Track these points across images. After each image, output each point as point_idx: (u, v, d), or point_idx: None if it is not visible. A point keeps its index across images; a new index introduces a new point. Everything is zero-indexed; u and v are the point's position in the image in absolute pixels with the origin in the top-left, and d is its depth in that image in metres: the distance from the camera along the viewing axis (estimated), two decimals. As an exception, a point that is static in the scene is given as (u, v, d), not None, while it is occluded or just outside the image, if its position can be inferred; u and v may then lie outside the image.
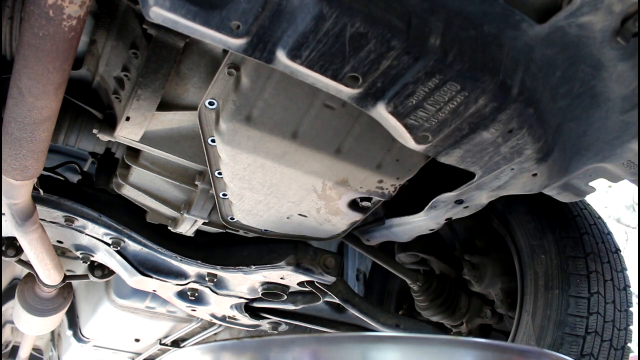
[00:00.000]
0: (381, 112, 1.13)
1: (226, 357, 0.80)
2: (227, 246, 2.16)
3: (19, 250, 2.15)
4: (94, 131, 1.61)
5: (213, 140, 1.49)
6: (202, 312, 2.61)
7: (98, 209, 1.94)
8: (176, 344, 3.57)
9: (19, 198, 1.56)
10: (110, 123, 1.62)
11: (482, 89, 1.08)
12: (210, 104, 1.40)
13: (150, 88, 1.40)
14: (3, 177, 1.44)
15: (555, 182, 1.47)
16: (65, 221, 1.94)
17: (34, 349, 4.93)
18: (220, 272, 2.14)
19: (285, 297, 2.24)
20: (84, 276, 2.41)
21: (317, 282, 2.10)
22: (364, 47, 0.98)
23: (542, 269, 1.96)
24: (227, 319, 2.63)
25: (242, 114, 1.35)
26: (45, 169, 1.97)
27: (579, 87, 1.20)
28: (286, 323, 2.60)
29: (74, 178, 2.19)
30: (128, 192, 1.84)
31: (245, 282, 2.22)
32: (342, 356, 0.76)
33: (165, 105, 1.50)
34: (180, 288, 2.35)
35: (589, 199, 1.98)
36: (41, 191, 1.81)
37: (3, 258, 2.16)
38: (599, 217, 2.13)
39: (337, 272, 2.08)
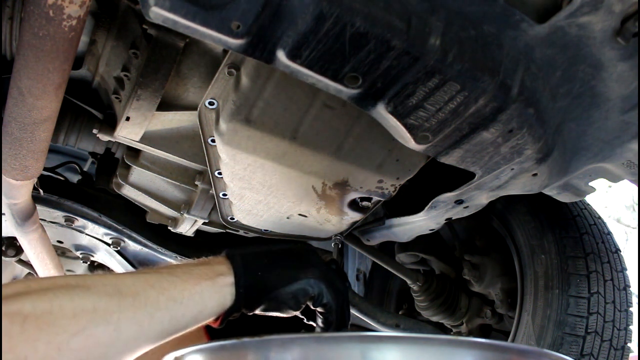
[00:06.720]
0: (381, 112, 1.13)
1: (226, 357, 0.80)
2: (227, 246, 2.16)
3: (19, 250, 2.15)
4: (94, 131, 1.61)
5: (213, 140, 1.49)
6: (202, 312, 2.60)
7: (98, 209, 1.94)
8: (176, 344, 3.56)
9: (19, 198, 1.56)
10: (110, 123, 1.62)
11: (482, 89, 1.08)
12: (210, 104, 1.40)
13: (151, 88, 1.39)
14: (3, 177, 1.44)
15: (555, 182, 1.47)
16: (65, 221, 1.94)
17: (34, 349, 4.91)
18: (220, 272, 2.14)
19: (285, 297, 2.23)
20: (84, 276, 2.41)
21: (317, 282, 2.09)
22: (364, 47, 0.98)
23: (542, 269, 1.96)
24: (227, 319, 2.63)
25: (242, 114, 1.35)
26: (45, 169, 1.97)
27: (579, 87, 1.20)
28: (286, 323, 2.60)
29: (74, 178, 2.19)
30: (128, 192, 1.84)
31: (245, 282, 2.22)
32: (342, 356, 0.76)
33: (165, 105, 1.50)
34: (180, 288, 2.35)
35: (589, 199, 1.98)
36: (41, 191, 1.81)
37: (3, 258, 2.16)
38: (599, 217, 2.13)
39: (337, 272, 2.07)
